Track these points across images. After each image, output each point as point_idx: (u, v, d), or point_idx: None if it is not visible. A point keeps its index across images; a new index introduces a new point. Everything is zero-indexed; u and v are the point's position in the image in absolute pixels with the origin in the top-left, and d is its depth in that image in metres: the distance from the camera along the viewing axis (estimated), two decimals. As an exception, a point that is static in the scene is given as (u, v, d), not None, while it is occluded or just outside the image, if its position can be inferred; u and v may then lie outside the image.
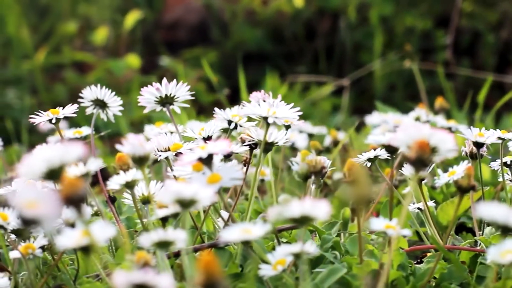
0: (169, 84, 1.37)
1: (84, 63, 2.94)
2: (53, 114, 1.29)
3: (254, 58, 2.91)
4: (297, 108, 1.21)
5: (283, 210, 0.93)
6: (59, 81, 2.86)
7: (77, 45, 3.06)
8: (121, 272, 0.82)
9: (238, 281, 1.15)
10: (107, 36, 2.76)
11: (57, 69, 2.95)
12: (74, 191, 0.81)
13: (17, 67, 2.71)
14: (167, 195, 0.95)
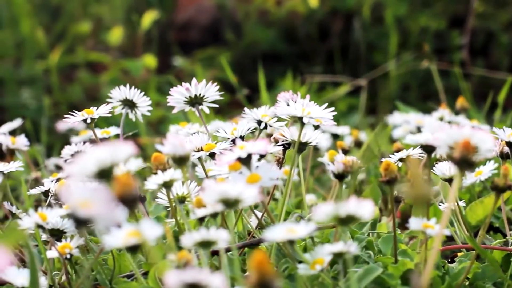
0: (199, 84, 1.37)
1: (97, 63, 2.94)
2: (87, 114, 1.28)
3: (267, 58, 2.90)
4: (332, 109, 1.22)
5: (328, 209, 0.93)
6: (72, 81, 2.87)
7: (89, 45, 3.06)
8: (173, 271, 0.82)
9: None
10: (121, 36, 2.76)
11: (70, 70, 2.95)
12: (127, 190, 0.81)
13: (31, 67, 2.71)
14: (211, 195, 0.95)
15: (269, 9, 2.91)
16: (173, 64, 2.90)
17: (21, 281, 1.07)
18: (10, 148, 1.54)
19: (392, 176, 1.12)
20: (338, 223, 0.94)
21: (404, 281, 1.14)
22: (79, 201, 0.78)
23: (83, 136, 1.73)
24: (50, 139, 2.33)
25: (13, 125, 1.69)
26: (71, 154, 1.45)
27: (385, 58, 2.73)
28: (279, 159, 1.27)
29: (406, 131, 1.84)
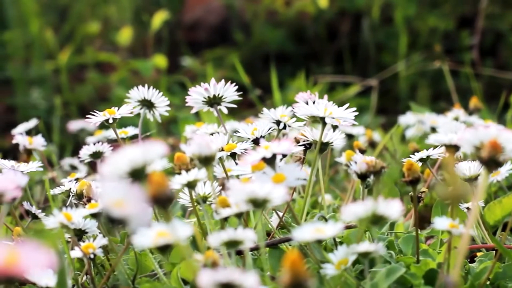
0: (218, 85, 1.38)
1: (105, 63, 2.95)
2: (109, 114, 1.28)
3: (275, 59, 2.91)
4: (353, 109, 1.22)
5: (357, 209, 0.93)
6: (81, 82, 2.87)
7: (97, 45, 3.06)
8: (206, 271, 0.82)
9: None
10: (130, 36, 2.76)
11: (78, 70, 2.96)
12: (161, 190, 0.81)
13: (40, 67, 2.71)
14: (239, 195, 0.95)
15: (277, 9, 2.92)
16: (181, 64, 2.90)
17: (45, 281, 1.07)
18: (28, 148, 1.54)
19: (415, 176, 1.13)
20: (366, 223, 0.94)
21: (427, 280, 1.15)
22: (113, 200, 0.79)
23: (98, 136, 1.73)
24: (61, 139, 2.33)
25: (29, 125, 1.69)
26: (89, 154, 1.46)
27: (393, 59, 2.73)
28: (300, 159, 1.27)
29: (420, 131, 1.85)
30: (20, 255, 0.64)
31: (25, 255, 0.65)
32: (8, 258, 0.64)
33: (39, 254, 0.65)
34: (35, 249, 0.65)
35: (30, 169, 1.31)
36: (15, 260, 0.64)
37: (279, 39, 2.90)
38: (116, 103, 2.48)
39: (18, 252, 0.64)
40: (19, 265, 0.64)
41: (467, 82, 2.54)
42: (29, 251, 0.65)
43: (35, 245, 0.65)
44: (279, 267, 1.21)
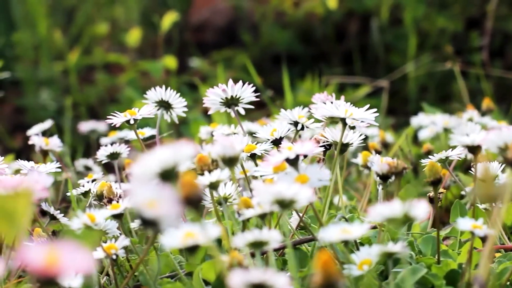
0: (235, 86, 1.38)
1: (113, 64, 2.95)
2: (130, 115, 1.28)
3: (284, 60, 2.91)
4: (374, 110, 1.22)
5: (384, 210, 0.93)
6: (90, 83, 2.87)
7: (104, 46, 3.06)
8: (237, 271, 0.82)
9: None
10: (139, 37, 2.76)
11: (86, 71, 2.96)
12: (193, 191, 0.81)
13: (49, 68, 2.71)
14: (266, 196, 0.95)
15: (286, 10, 2.92)
16: (189, 65, 2.90)
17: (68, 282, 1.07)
18: (44, 149, 1.54)
19: (437, 177, 1.13)
20: (391, 223, 0.94)
21: (449, 281, 1.15)
22: (145, 201, 0.79)
23: (112, 137, 1.74)
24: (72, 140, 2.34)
25: (43, 126, 1.69)
26: (106, 155, 1.46)
27: (402, 60, 2.73)
28: (320, 160, 1.27)
29: (432, 132, 1.85)
30: (59, 256, 0.64)
31: (65, 256, 0.65)
32: (48, 259, 0.64)
33: (78, 255, 0.65)
34: (74, 250, 0.65)
35: (49, 170, 1.31)
36: (55, 261, 0.64)
37: (287, 40, 2.90)
38: (126, 104, 2.48)
39: (57, 253, 0.65)
40: (59, 266, 0.64)
41: (476, 83, 2.55)
42: (68, 252, 0.65)
43: (73, 246, 0.65)
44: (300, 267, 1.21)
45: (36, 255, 0.64)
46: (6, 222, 0.62)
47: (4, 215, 0.61)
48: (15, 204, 0.61)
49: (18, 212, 0.62)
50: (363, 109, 1.22)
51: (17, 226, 0.62)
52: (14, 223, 0.61)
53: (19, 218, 0.62)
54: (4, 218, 0.61)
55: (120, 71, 2.90)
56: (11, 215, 0.61)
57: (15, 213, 0.61)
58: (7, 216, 0.61)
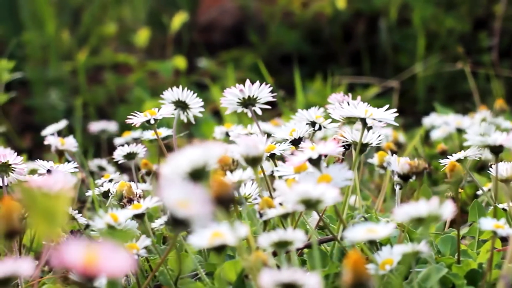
0: (252, 86, 1.38)
1: (120, 64, 2.95)
2: (151, 114, 1.29)
3: (291, 60, 2.92)
4: (393, 110, 1.22)
5: (410, 209, 0.94)
6: (98, 83, 2.87)
7: (112, 46, 3.07)
8: (268, 271, 0.82)
9: (339, 280, 1.16)
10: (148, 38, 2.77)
11: (94, 71, 2.96)
12: (224, 191, 0.81)
13: (58, 68, 2.71)
14: (292, 195, 0.96)
15: (294, 10, 2.92)
16: (197, 65, 2.90)
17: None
18: (60, 149, 1.54)
19: (458, 177, 1.13)
20: (417, 223, 0.95)
21: (469, 281, 1.15)
22: (177, 201, 0.79)
23: (126, 137, 1.74)
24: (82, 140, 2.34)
25: (58, 126, 1.69)
26: (123, 155, 1.46)
27: (410, 60, 2.74)
28: (339, 160, 1.27)
29: (445, 132, 1.85)
30: (98, 255, 0.65)
31: (104, 256, 0.65)
32: (88, 258, 0.64)
33: (117, 255, 0.65)
34: (112, 250, 0.65)
35: (68, 170, 1.31)
36: (94, 260, 0.64)
37: (295, 40, 2.91)
38: (136, 104, 2.48)
39: (96, 252, 0.65)
40: (98, 266, 0.64)
41: (484, 83, 2.55)
42: (107, 251, 0.65)
43: (112, 246, 0.65)
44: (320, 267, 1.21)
45: (76, 255, 0.64)
46: (46, 221, 0.62)
47: (44, 214, 0.61)
48: (54, 204, 0.62)
49: (57, 212, 0.62)
50: (382, 109, 1.22)
51: (56, 226, 0.62)
52: (53, 223, 0.62)
53: (58, 217, 0.62)
54: (44, 217, 0.61)
55: (128, 71, 2.91)
56: (51, 214, 0.62)
57: (54, 212, 0.62)
58: (47, 215, 0.61)
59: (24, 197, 0.62)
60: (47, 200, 0.61)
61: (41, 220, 0.61)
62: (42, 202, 0.61)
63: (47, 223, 0.61)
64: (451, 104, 2.58)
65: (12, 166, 1.28)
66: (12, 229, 0.88)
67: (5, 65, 1.88)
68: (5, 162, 1.27)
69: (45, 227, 0.62)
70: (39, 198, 0.61)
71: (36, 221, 0.60)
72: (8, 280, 0.82)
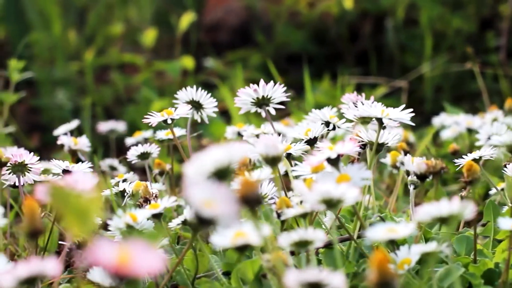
0: (266, 86, 1.38)
1: (127, 64, 2.95)
2: (168, 114, 1.29)
3: (297, 60, 2.92)
4: (410, 110, 1.23)
5: (431, 209, 0.94)
6: (104, 83, 2.87)
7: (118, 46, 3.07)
8: (293, 271, 0.83)
9: (355, 280, 1.17)
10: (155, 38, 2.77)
11: (100, 71, 2.96)
12: (251, 191, 0.82)
13: (65, 68, 2.71)
14: (313, 195, 0.96)
15: (300, 10, 2.93)
16: (204, 65, 2.91)
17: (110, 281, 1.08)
18: (73, 149, 1.54)
19: (475, 177, 1.14)
20: (439, 222, 0.95)
21: (486, 280, 1.16)
22: (203, 200, 0.79)
23: (137, 137, 1.74)
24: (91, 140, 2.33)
25: (70, 126, 1.69)
26: (137, 155, 1.46)
27: (416, 60, 2.74)
28: (354, 160, 1.28)
29: (455, 132, 1.86)
30: (131, 255, 0.65)
31: (136, 255, 0.65)
32: (120, 257, 0.65)
33: (149, 254, 0.66)
34: (144, 250, 0.65)
35: (84, 170, 1.31)
36: (127, 260, 0.64)
37: (301, 40, 2.91)
38: (143, 104, 2.48)
39: (129, 252, 0.65)
40: (131, 265, 0.65)
41: (491, 83, 2.55)
42: (139, 251, 0.65)
43: (144, 246, 0.65)
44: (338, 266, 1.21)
45: (109, 254, 0.64)
46: (79, 221, 0.62)
47: (76, 214, 0.62)
48: (87, 203, 0.62)
49: (90, 211, 0.62)
50: (398, 109, 1.23)
51: (89, 225, 0.62)
52: (86, 222, 0.62)
53: (91, 217, 0.62)
54: (77, 217, 0.62)
55: (134, 71, 2.91)
56: (84, 214, 0.62)
57: (87, 212, 0.62)
58: (79, 215, 0.62)
59: (55, 197, 0.62)
60: (80, 200, 0.61)
61: (73, 220, 0.61)
62: (75, 202, 0.61)
63: (79, 223, 0.62)
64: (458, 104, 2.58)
65: (28, 166, 1.28)
66: (35, 228, 0.88)
67: (16, 65, 1.88)
68: (21, 162, 1.27)
69: (77, 227, 0.62)
70: (71, 198, 0.61)
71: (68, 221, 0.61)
72: (34, 280, 0.82)
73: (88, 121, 2.36)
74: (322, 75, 2.73)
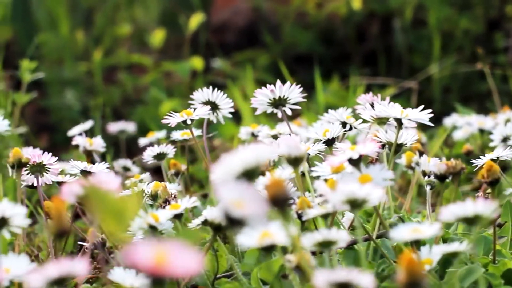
0: (283, 86, 1.39)
1: (134, 65, 2.95)
2: (187, 115, 1.29)
3: (304, 60, 2.92)
4: (429, 110, 1.23)
5: (457, 209, 0.94)
6: (112, 83, 2.87)
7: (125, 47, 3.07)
8: (322, 270, 0.83)
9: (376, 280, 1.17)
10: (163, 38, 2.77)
11: (108, 72, 2.96)
12: (280, 191, 0.82)
13: (73, 69, 2.71)
14: (338, 195, 0.96)
15: (308, 11, 2.93)
16: (211, 66, 2.91)
17: (130, 281, 1.08)
18: (88, 149, 1.55)
19: (495, 177, 1.14)
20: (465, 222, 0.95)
21: (506, 280, 1.16)
22: (232, 201, 0.79)
23: (150, 138, 1.74)
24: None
25: (84, 126, 1.69)
26: (153, 156, 1.46)
27: (424, 61, 2.74)
28: (372, 161, 1.28)
29: (467, 133, 1.86)
30: (168, 255, 0.65)
31: (174, 255, 0.65)
32: (158, 258, 0.65)
33: (186, 255, 0.66)
34: (181, 250, 0.66)
35: (102, 170, 1.31)
36: (164, 260, 0.65)
37: (309, 41, 2.91)
38: (153, 104, 2.49)
39: (165, 252, 0.65)
40: (168, 266, 0.65)
41: (500, 84, 2.55)
42: (177, 251, 0.65)
43: (181, 246, 0.65)
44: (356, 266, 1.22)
45: (145, 255, 0.65)
46: (116, 221, 0.62)
47: (114, 214, 0.62)
48: (124, 204, 0.62)
49: (127, 212, 0.62)
50: (417, 109, 1.23)
51: (126, 226, 0.62)
52: (123, 223, 0.62)
53: (128, 218, 0.62)
54: (114, 217, 0.62)
55: (142, 71, 2.91)
56: (121, 214, 0.62)
57: (124, 212, 0.62)
58: (117, 215, 0.62)
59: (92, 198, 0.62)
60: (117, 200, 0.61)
61: (110, 220, 0.61)
62: (112, 202, 0.61)
63: (116, 223, 0.62)
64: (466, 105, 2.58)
65: (47, 166, 1.28)
66: (62, 229, 0.88)
67: (28, 65, 1.88)
68: (39, 162, 1.27)
69: (115, 227, 0.62)
70: (108, 199, 0.61)
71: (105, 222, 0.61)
72: (63, 280, 0.82)
73: (98, 121, 2.36)
74: (329, 75, 2.73)
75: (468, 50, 2.72)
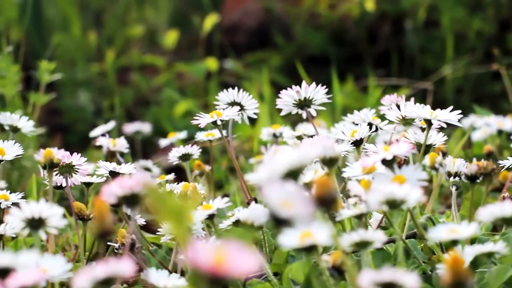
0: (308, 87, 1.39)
1: (146, 66, 2.96)
2: (217, 116, 1.30)
3: (316, 61, 2.92)
4: (458, 111, 1.24)
5: (495, 210, 0.95)
6: (124, 84, 2.88)
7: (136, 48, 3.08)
8: (367, 270, 0.83)
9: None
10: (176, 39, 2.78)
11: (120, 73, 2.96)
12: (327, 191, 0.82)
13: (86, 70, 2.72)
14: (377, 196, 0.96)
15: (320, 12, 2.93)
16: (223, 67, 2.91)
17: (164, 282, 1.08)
18: (111, 150, 1.55)
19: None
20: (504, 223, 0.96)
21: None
22: (280, 201, 0.80)
23: (171, 138, 1.74)
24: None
25: (106, 127, 1.70)
26: (178, 157, 1.47)
27: (436, 62, 2.74)
28: (401, 161, 1.28)
29: (486, 134, 1.86)
30: (227, 256, 0.65)
31: (232, 256, 0.65)
32: (216, 258, 0.65)
33: (245, 255, 0.66)
34: (240, 250, 0.66)
35: (129, 171, 1.32)
36: (223, 260, 0.65)
37: (321, 41, 2.91)
38: (167, 105, 2.49)
39: (224, 253, 0.65)
40: (228, 266, 0.65)
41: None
42: (235, 251, 0.66)
43: (239, 246, 0.66)
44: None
45: (205, 255, 0.65)
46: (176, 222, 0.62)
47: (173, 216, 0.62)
48: (184, 205, 0.62)
49: (186, 213, 0.63)
50: (446, 110, 1.24)
51: (185, 226, 0.63)
52: (183, 224, 0.62)
53: (188, 218, 0.63)
54: (174, 218, 0.62)
55: (154, 72, 2.91)
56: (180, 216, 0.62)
57: (183, 213, 0.62)
58: (176, 217, 0.62)
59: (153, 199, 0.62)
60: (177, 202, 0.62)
61: (171, 221, 0.62)
62: (172, 204, 0.62)
63: (176, 224, 0.62)
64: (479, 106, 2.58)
65: (76, 167, 1.29)
66: (105, 229, 0.89)
67: (46, 66, 1.89)
68: (69, 163, 1.27)
69: (174, 228, 0.62)
70: (169, 200, 0.62)
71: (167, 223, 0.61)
72: (110, 281, 0.83)
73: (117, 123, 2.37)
74: (342, 76, 2.73)
75: (481, 51, 2.72)
